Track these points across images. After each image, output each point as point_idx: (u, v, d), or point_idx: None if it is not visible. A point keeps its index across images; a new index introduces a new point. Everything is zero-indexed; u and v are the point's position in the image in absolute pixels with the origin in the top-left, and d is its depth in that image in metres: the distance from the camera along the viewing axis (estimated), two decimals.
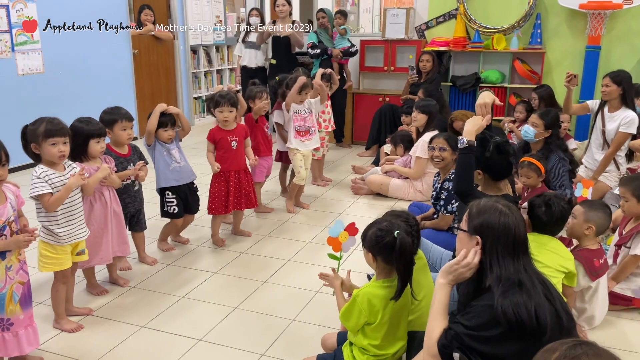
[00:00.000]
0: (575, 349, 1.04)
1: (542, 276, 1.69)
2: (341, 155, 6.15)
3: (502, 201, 1.75)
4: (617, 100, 4.07)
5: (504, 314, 1.53)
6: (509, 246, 1.65)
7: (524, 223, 1.71)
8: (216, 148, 3.49)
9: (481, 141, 2.52)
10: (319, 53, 6.05)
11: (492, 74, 5.94)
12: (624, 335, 2.56)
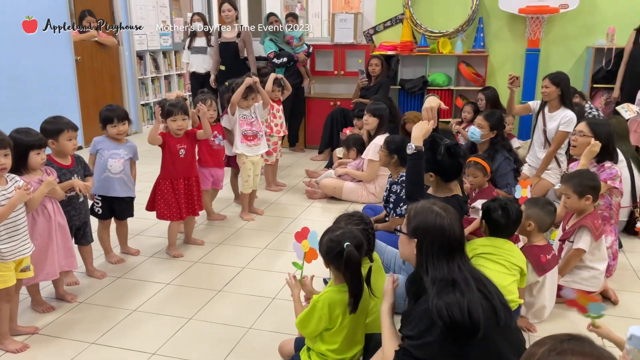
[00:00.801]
0: (563, 343, 1.03)
1: (479, 273, 1.74)
2: (294, 159, 6.14)
3: (438, 203, 1.80)
4: (556, 101, 4.25)
5: (438, 314, 1.58)
6: (444, 247, 1.70)
7: (460, 224, 1.76)
8: (163, 151, 3.40)
9: (432, 144, 2.57)
10: (285, 62, 6.03)
11: (439, 77, 6.09)
12: (573, 327, 2.66)
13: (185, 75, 7.83)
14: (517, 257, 2.52)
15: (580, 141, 3.32)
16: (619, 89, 5.14)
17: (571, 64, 5.85)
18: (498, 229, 2.55)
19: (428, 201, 1.83)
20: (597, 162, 3.29)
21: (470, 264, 1.77)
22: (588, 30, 5.73)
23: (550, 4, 5.49)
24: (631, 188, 3.67)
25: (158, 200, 3.40)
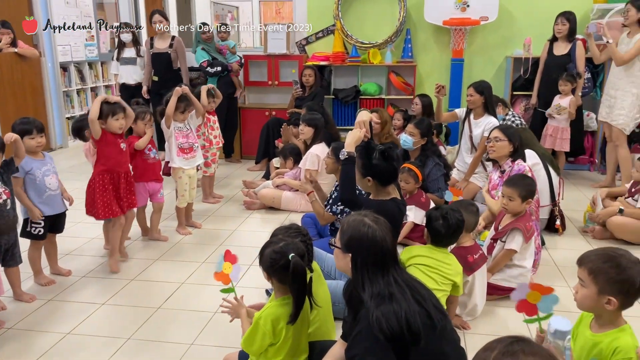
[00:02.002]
0: (512, 345, 1.08)
1: (412, 280, 1.77)
2: (231, 170, 6.09)
3: (370, 215, 1.83)
4: (480, 108, 4.49)
5: (379, 329, 1.61)
6: (377, 260, 1.73)
7: (391, 233, 1.80)
8: (101, 144, 3.28)
9: (366, 150, 2.66)
10: (219, 71, 5.97)
11: (371, 86, 6.26)
12: (503, 322, 2.82)
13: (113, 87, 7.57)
14: (452, 269, 2.58)
15: (497, 146, 3.53)
16: (536, 96, 5.49)
17: (493, 73, 6.19)
18: (438, 237, 2.62)
19: (359, 213, 1.86)
20: (512, 161, 3.52)
21: (403, 271, 1.80)
22: (507, 41, 6.09)
23: (471, 16, 5.79)
24: (549, 188, 3.93)
25: (97, 199, 3.28)
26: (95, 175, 3.32)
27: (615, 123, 4.86)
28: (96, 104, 3.22)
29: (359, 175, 2.67)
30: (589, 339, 1.74)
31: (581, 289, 1.71)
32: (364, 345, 1.66)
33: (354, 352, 1.69)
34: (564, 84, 5.08)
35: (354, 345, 1.71)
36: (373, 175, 2.65)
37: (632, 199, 3.82)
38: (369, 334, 1.64)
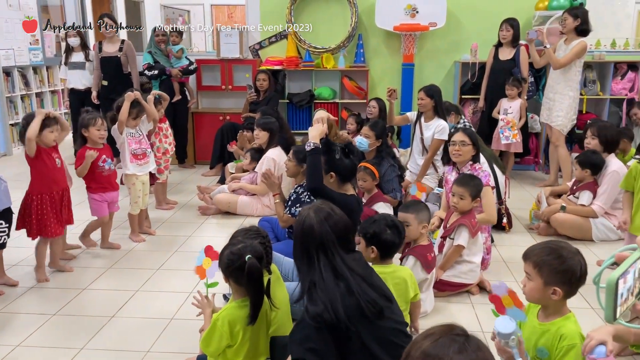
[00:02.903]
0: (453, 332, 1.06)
1: (346, 272, 1.77)
2: (185, 176, 6.02)
3: (317, 205, 1.90)
4: (431, 111, 4.62)
5: (311, 317, 1.69)
6: (313, 248, 1.79)
7: (324, 222, 1.81)
8: (36, 163, 3.17)
9: (328, 146, 2.76)
10: (157, 74, 5.89)
11: (325, 90, 6.33)
12: (454, 318, 2.91)
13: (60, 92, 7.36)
14: (409, 284, 2.48)
15: (463, 150, 3.58)
16: (484, 99, 5.70)
17: (442, 77, 6.38)
18: (392, 248, 2.45)
19: (312, 204, 1.92)
20: (472, 164, 3.64)
21: (340, 262, 1.78)
22: (455, 47, 6.29)
23: (421, 22, 5.95)
24: (496, 186, 4.09)
25: (34, 217, 3.19)
26: (32, 194, 3.20)
27: (554, 124, 5.11)
28: (37, 121, 3.09)
29: (322, 172, 2.73)
30: (537, 328, 1.84)
31: (528, 282, 1.79)
32: (303, 331, 1.72)
33: (294, 336, 1.77)
34: (510, 88, 5.28)
35: (296, 330, 1.80)
36: (335, 171, 2.73)
37: (573, 196, 4.02)
38: (305, 323, 1.72)
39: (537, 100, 5.82)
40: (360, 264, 1.88)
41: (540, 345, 1.81)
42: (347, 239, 1.87)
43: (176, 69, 5.97)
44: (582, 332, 1.77)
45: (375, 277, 1.91)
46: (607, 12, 6.08)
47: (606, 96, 5.87)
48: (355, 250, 1.94)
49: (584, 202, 3.88)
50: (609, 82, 5.84)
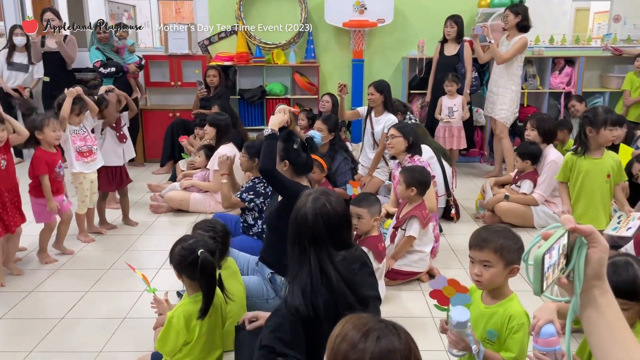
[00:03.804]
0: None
1: (331, 270, 1.80)
2: (134, 174, 5.87)
3: (317, 193, 1.86)
4: (380, 106, 4.73)
5: (289, 309, 1.73)
6: (305, 238, 1.79)
7: (319, 216, 1.81)
8: None
9: (288, 135, 2.79)
10: (114, 72, 5.72)
11: (276, 86, 6.34)
12: (405, 305, 3.01)
13: None
14: None
15: (394, 142, 3.75)
16: (430, 94, 5.86)
17: (391, 73, 6.51)
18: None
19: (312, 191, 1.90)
20: (411, 157, 3.77)
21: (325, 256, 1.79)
22: (402, 43, 6.43)
23: (369, 18, 6.05)
24: (444, 179, 4.24)
25: None
26: None
27: (498, 117, 5.32)
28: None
29: (277, 159, 2.75)
30: (483, 311, 1.92)
31: (487, 270, 1.82)
32: (277, 320, 1.76)
33: (269, 323, 1.80)
34: (449, 84, 5.38)
35: (272, 318, 1.82)
36: (290, 160, 2.75)
37: (515, 185, 4.21)
38: (281, 312, 1.75)
39: (482, 95, 6.03)
40: (347, 263, 1.87)
41: (489, 328, 1.89)
42: (339, 235, 1.84)
43: (133, 65, 5.84)
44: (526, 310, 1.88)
45: (359, 279, 1.89)
46: (545, 9, 6.37)
47: (545, 90, 6.15)
48: (349, 246, 1.91)
49: (525, 191, 4.07)
50: (548, 77, 6.12)
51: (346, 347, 1.06)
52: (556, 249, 0.86)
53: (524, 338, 1.82)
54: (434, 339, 2.58)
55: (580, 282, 0.88)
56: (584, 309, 0.90)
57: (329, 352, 1.09)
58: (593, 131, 3.22)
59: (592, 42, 6.34)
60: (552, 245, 0.85)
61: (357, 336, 1.07)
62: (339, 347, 1.07)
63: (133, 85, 5.96)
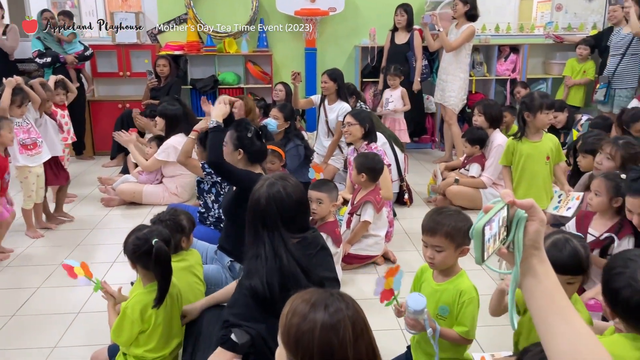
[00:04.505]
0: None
1: (283, 254, 1.80)
2: (84, 168, 5.73)
3: (275, 177, 1.89)
4: (334, 94, 4.77)
5: (246, 289, 1.77)
6: (258, 221, 1.82)
7: (272, 200, 1.82)
8: None
9: (242, 123, 2.79)
10: (49, 62, 5.50)
11: (229, 75, 6.27)
12: (361, 288, 3.08)
13: None
14: None
15: (351, 130, 3.81)
16: (382, 83, 5.94)
17: (344, 61, 6.55)
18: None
19: (270, 176, 1.91)
20: (367, 144, 3.83)
21: (282, 239, 1.81)
22: (354, 31, 6.48)
23: (320, 7, 6.07)
24: (396, 165, 4.33)
25: None
26: None
27: (447, 104, 5.47)
28: None
29: (231, 148, 2.73)
30: (435, 289, 2.00)
31: (439, 254, 1.90)
32: (234, 297, 1.81)
33: (229, 301, 1.85)
34: (392, 78, 5.36)
35: (232, 296, 1.87)
36: (244, 149, 2.73)
37: (464, 169, 4.36)
38: (239, 291, 1.80)
39: (432, 82, 6.16)
40: (302, 247, 1.88)
41: (441, 304, 1.98)
42: (292, 220, 1.85)
43: (71, 56, 5.62)
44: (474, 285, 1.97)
45: (316, 261, 1.92)
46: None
47: (492, 77, 6.35)
48: (305, 230, 1.92)
49: (473, 174, 4.22)
50: (494, 64, 6.32)
51: (297, 320, 1.10)
52: (496, 221, 0.91)
53: (474, 311, 1.92)
54: (391, 320, 2.65)
55: (519, 252, 0.94)
56: (524, 277, 0.96)
57: (282, 329, 1.13)
58: (530, 115, 3.37)
59: (535, 30, 6.57)
60: (491, 217, 0.90)
61: (306, 308, 1.11)
62: (290, 322, 1.11)
63: (72, 77, 5.73)
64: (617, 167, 2.89)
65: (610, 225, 2.55)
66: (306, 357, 1.11)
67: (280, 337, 1.16)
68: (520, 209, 0.94)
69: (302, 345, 1.11)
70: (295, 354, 1.13)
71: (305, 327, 1.10)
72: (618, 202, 2.52)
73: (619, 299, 1.26)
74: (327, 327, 1.10)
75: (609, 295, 1.38)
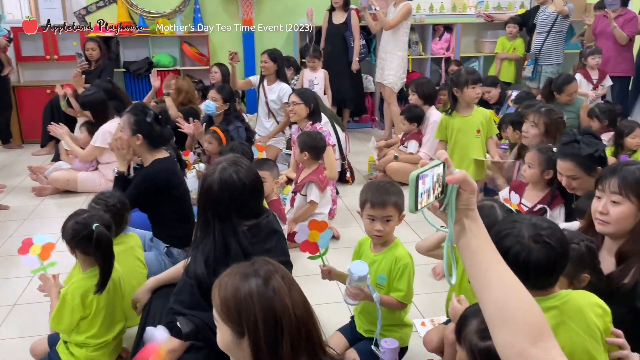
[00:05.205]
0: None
1: (232, 242, 1.77)
2: (12, 157, 5.44)
3: (227, 159, 1.82)
4: (273, 75, 4.75)
5: (190, 276, 1.76)
6: (208, 208, 1.78)
7: (224, 187, 1.76)
8: None
9: (141, 108, 2.70)
10: None
11: (164, 57, 6.09)
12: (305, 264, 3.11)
13: None
14: None
15: (296, 109, 3.83)
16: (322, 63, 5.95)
17: (282, 42, 6.50)
18: None
19: (223, 159, 1.85)
20: (312, 124, 3.86)
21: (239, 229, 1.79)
22: (292, 11, 6.42)
23: None
24: (338, 143, 4.38)
25: None
26: None
27: (386, 83, 5.55)
28: None
29: (129, 133, 2.63)
30: (373, 259, 2.08)
31: (388, 224, 1.99)
32: (179, 284, 1.80)
33: (176, 288, 1.83)
34: (311, 60, 5.26)
35: (179, 283, 1.85)
36: (143, 134, 2.63)
37: (403, 146, 4.47)
38: (185, 277, 1.78)
39: (371, 62, 6.24)
40: (253, 233, 1.85)
41: (379, 273, 2.06)
42: (245, 205, 1.80)
43: (3, 39, 5.28)
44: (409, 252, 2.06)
45: (268, 246, 1.90)
46: None
47: (427, 56, 6.50)
48: (258, 215, 1.88)
49: (412, 151, 4.34)
50: (429, 43, 6.47)
51: (233, 291, 1.18)
52: (430, 176, 0.96)
53: (410, 276, 2.01)
54: (334, 293, 2.71)
55: (453, 214, 1.01)
56: (458, 237, 1.03)
57: (220, 307, 1.19)
58: (459, 91, 3.51)
59: (467, 10, 6.76)
60: (426, 170, 0.95)
61: (237, 279, 1.20)
62: (226, 297, 1.18)
63: (4, 60, 5.41)
64: (540, 133, 3.07)
65: (542, 197, 2.71)
66: (251, 323, 1.15)
67: (218, 317, 1.20)
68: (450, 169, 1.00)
69: (245, 312, 1.15)
70: (240, 325, 1.16)
71: (242, 294, 1.17)
72: (549, 175, 2.67)
73: (509, 256, 1.36)
74: (261, 286, 1.18)
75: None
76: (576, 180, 2.40)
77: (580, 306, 1.43)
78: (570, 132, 2.50)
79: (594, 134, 2.53)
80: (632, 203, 1.64)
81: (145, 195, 2.63)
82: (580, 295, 1.47)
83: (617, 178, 1.66)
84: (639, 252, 1.65)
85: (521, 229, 1.41)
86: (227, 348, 1.22)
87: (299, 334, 1.18)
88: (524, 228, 1.41)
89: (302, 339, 1.18)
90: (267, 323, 1.15)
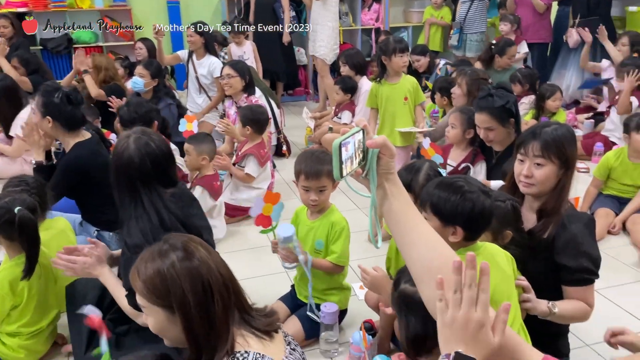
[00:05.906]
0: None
1: (162, 209, 1.76)
2: None
3: (136, 131, 1.81)
4: (202, 49, 4.62)
5: (130, 248, 1.74)
6: (134, 180, 1.74)
7: (145, 155, 1.75)
8: None
9: (51, 89, 2.53)
10: None
11: (84, 34, 5.80)
12: (246, 238, 3.14)
13: None
14: None
15: (231, 82, 3.78)
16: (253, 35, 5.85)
17: (210, 14, 6.33)
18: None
19: (131, 131, 1.82)
20: (247, 97, 3.82)
21: (165, 195, 1.80)
22: None
23: None
24: (273, 117, 4.36)
25: None
26: None
27: (318, 54, 5.53)
28: None
29: (39, 116, 2.50)
30: (310, 226, 2.14)
31: (322, 193, 2.05)
32: (125, 262, 1.77)
33: (121, 268, 1.85)
34: (235, 37, 5.20)
35: (122, 265, 1.84)
36: (53, 116, 2.50)
37: (336, 117, 4.52)
38: (126, 253, 1.77)
39: (302, 34, 6.20)
40: (176, 200, 1.84)
41: (317, 239, 2.11)
42: (165, 173, 1.80)
43: None
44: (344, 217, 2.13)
45: (190, 212, 1.91)
46: None
47: (358, 27, 6.54)
48: (175, 183, 1.87)
49: (345, 121, 4.39)
50: (359, 14, 6.50)
51: (154, 271, 1.21)
52: (352, 142, 0.99)
53: (345, 240, 2.08)
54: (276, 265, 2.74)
55: (374, 179, 1.04)
56: (381, 201, 1.06)
57: (145, 290, 1.21)
58: (387, 59, 3.58)
59: None
60: (347, 138, 0.97)
61: (156, 260, 1.22)
62: (151, 278, 1.20)
63: None
64: (463, 93, 3.22)
65: (465, 155, 2.84)
66: (179, 297, 1.16)
67: (146, 301, 1.21)
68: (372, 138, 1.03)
69: (173, 287, 1.18)
70: (169, 301, 1.18)
71: (165, 270, 1.19)
72: (470, 134, 2.81)
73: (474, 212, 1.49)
74: (182, 257, 1.20)
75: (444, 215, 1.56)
76: (492, 132, 2.57)
77: (492, 253, 1.57)
78: (485, 88, 2.65)
79: (506, 87, 2.73)
80: (554, 164, 1.72)
81: (70, 183, 2.52)
82: (490, 245, 1.60)
83: (538, 142, 1.72)
84: (558, 208, 1.76)
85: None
86: (161, 329, 1.24)
87: (228, 290, 1.23)
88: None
89: (231, 294, 1.23)
90: (195, 289, 1.18)
